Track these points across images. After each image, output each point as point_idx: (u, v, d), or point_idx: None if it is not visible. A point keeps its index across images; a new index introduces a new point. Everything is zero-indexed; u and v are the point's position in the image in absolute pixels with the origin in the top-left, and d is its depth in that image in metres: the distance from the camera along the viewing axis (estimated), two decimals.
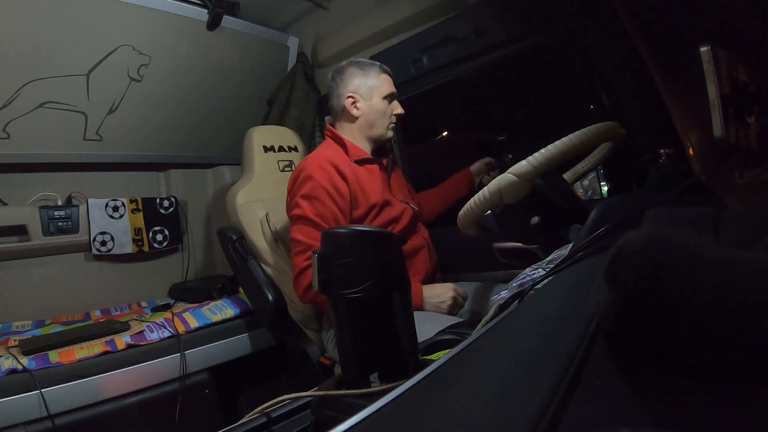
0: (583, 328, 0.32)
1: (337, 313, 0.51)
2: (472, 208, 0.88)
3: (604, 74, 1.25)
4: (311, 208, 1.18)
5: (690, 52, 0.71)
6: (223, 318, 1.63)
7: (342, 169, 1.22)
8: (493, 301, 0.65)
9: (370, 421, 0.31)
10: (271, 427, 0.54)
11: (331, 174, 1.20)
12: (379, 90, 1.31)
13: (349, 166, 1.25)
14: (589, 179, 1.37)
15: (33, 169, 1.78)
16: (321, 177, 1.19)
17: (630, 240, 0.27)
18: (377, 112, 1.31)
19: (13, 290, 1.70)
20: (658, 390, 0.25)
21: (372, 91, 1.30)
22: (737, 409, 0.22)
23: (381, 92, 1.30)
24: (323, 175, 1.19)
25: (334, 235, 0.51)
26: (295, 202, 1.21)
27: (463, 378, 0.35)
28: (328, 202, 1.18)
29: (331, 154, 1.26)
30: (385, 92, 1.31)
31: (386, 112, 1.31)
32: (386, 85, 1.32)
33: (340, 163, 1.23)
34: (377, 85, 1.31)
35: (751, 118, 0.73)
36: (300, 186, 1.21)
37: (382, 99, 1.31)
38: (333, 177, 1.20)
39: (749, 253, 0.27)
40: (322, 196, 1.18)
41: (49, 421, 1.16)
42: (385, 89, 1.31)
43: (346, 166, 1.24)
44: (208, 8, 1.62)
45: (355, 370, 0.51)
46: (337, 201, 1.19)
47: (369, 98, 1.31)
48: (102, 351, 1.33)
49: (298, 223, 1.20)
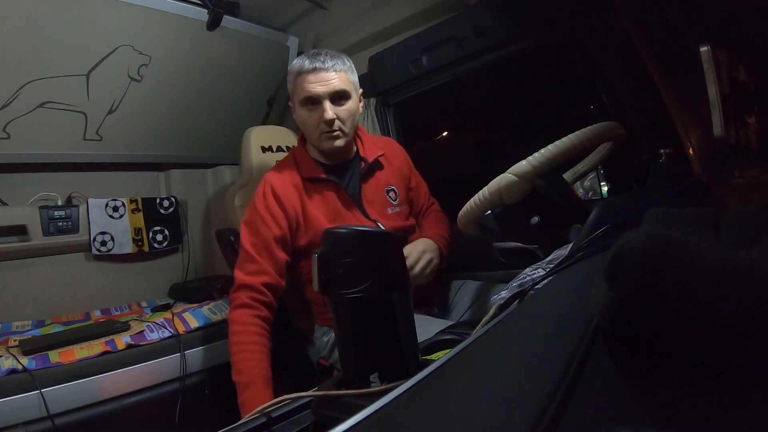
0: (583, 328, 0.32)
1: (337, 313, 0.51)
2: (472, 208, 0.88)
3: (604, 74, 1.25)
4: (248, 237, 1.12)
5: (690, 52, 0.71)
6: (223, 318, 1.62)
7: (282, 197, 1.12)
8: (493, 301, 0.65)
9: (370, 421, 0.31)
10: (271, 427, 0.54)
11: (268, 201, 1.12)
12: (295, 95, 1.13)
13: (295, 189, 1.14)
14: (589, 179, 1.37)
15: (33, 169, 1.78)
16: (259, 203, 1.13)
17: (630, 240, 0.27)
18: (299, 122, 1.16)
19: (13, 290, 1.70)
20: (658, 390, 0.25)
21: (293, 97, 1.15)
22: (737, 409, 0.22)
23: (298, 98, 1.12)
24: (261, 202, 1.13)
25: (335, 235, 0.51)
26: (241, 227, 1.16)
27: (463, 378, 0.35)
28: (263, 230, 1.10)
29: (277, 177, 1.16)
30: (300, 97, 1.11)
31: (308, 122, 1.12)
32: (302, 89, 1.10)
33: (283, 188, 1.14)
34: (293, 89, 1.13)
35: (751, 118, 0.73)
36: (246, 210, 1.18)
37: (299, 106, 1.13)
38: (270, 205, 1.12)
39: (749, 253, 0.27)
40: (258, 224, 1.11)
41: (49, 421, 1.16)
42: (301, 94, 1.10)
43: (291, 189, 1.14)
44: (208, 8, 1.62)
45: (355, 370, 0.51)
46: (273, 229, 1.10)
47: (294, 106, 1.16)
48: (102, 351, 1.33)
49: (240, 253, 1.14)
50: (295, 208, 1.13)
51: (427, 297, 1.27)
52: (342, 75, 1.11)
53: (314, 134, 1.13)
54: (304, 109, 1.12)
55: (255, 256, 1.09)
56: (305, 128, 1.15)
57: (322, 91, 1.08)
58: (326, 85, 1.08)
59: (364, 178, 1.20)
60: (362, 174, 1.20)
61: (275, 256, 1.11)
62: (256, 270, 1.09)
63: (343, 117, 1.11)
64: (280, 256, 1.12)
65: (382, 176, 1.24)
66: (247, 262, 1.10)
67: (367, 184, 1.20)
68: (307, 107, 1.11)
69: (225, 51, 1.83)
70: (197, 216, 2.19)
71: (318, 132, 1.12)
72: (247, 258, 1.10)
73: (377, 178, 1.23)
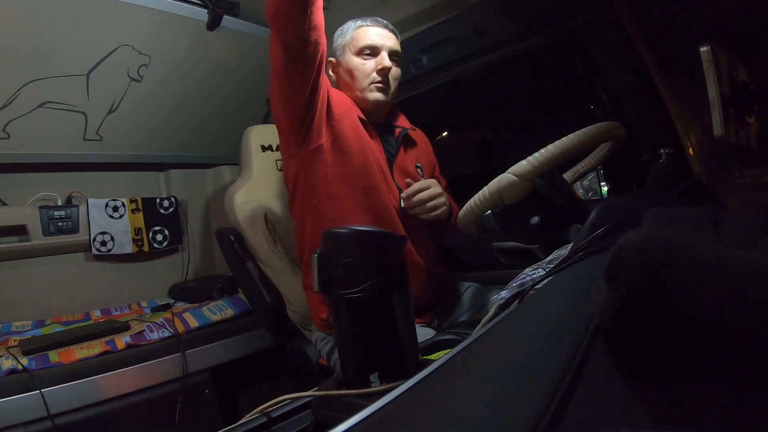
0: (583, 328, 0.32)
1: (337, 313, 0.51)
2: (472, 208, 0.88)
3: (604, 74, 1.25)
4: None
5: (690, 52, 0.71)
6: (223, 318, 1.63)
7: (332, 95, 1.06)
8: (493, 301, 0.65)
9: (370, 421, 0.31)
10: (271, 427, 0.54)
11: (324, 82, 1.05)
12: (351, 45, 1.13)
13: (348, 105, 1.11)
14: (589, 179, 1.37)
15: (33, 169, 1.78)
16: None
17: (630, 240, 0.27)
18: (348, 71, 1.14)
19: (13, 290, 1.70)
20: (658, 390, 0.25)
21: (344, 49, 1.15)
22: (737, 409, 0.22)
23: (354, 47, 1.13)
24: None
25: (334, 235, 0.51)
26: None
27: (464, 378, 0.35)
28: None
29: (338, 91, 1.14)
30: (358, 46, 1.12)
31: (360, 68, 1.12)
32: (363, 36, 1.12)
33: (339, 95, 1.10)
34: (350, 39, 1.14)
35: (751, 118, 0.73)
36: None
37: (354, 55, 1.12)
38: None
39: (749, 253, 0.27)
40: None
41: (49, 421, 1.16)
42: (360, 41, 1.12)
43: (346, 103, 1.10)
44: (208, 8, 1.62)
45: (355, 370, 0.51)
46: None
47: (342, 58, 1.16)
48: (102, 351, 1.33)
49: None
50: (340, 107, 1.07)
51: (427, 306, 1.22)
52: (396, 40, 1.17)
53: (365, 82, 1.12)
54: (360, 57, 1.13)
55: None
56: (357, 75, 1.13)
57: (384, 44, 1.12)
58: (389, 39, 1.14)
59: (398, 145, 1.19)
60: (398, 140, 1.19)
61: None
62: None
63: (394, 74, 1.14)
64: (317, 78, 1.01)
65: (413, 152, 1.24)
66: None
67: (399, 152, 1.19)
68: (363, 56, 1.13)
69: (225, 51, 1.83)
70: (197, 216, 2.19)
71: (369, 80, 1.12)
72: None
73: (408, 152, 1.22)
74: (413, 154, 1.23)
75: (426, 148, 1.31)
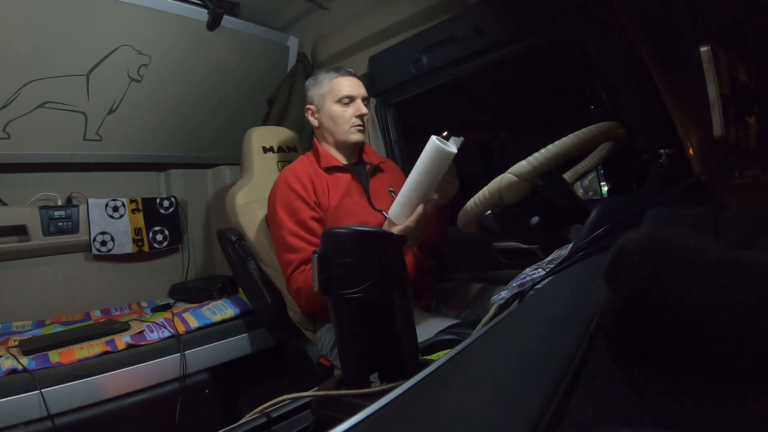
0: (583, 328, 0.32)
1: (337, 313, 0.51)
2: (472, 208, 0.88)
3: (605, 74, 1.25)
4: (285, 225, 1.21)
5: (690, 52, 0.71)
6: (223, 318, 1.63)
7: (303, 179, 1.25)
8: (493, 301, 0.65)
9: (370, 421, 0.31)
10: (271, 427, 0.54)
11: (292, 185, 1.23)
12: (331, 95, 1.31)
13: (316, 175, 1.28)
14: (589, 179, 1.37)
15: (33, 169, 1.78)
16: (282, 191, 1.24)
17: (630, 240, 0.27)
18: (330, 118, 1.32)
19: (13, 290, 1.70)
20: (658, 390, 0.25)
21: (324, 98, 1.32)
22: (737, 409, 0.22)
23: (333, 96, 1.31)
24: (284, 189, 1.24)
25: (334, 235, 0.51)
26: (275, 216, 1.24)
27: (464, 378, 0.35)
28: (298, 214, 1.21)
29: (299, 166, 1.30)
30: (338, 96, 1.30)
31: (342, 115, 1.30)
32: (341, 88, 1.31)
33: (305, 173, 1.27)
34: (329, 90, 1.32)
35: (751, 118, 0.73)
36: (272, 200, 1.27)
37: (335, 103, 1.31)
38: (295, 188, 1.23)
39: (749, 253, 0.27)
40: (293, 207, 1.21)
41: (49, 421, 1.16)
42: (339, 92, 1.31)
43: (313, 174, 1.28)
44: (208, 8, 1.62)
45: (355, 370, 0.51)
46: (306, 210, 1.21)
47: (321, 106, 1.33)
48: (102, 351, 1.33)
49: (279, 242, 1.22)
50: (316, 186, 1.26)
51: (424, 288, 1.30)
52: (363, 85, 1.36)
53: (345, 126, 1.31)
54: (339, 105, 1.31)
55: (295, 240, 1.19)
56: (338, 122, 1.31)
57: (359, 92, 1.32)
58: (360, 87, 1.34)
59: (370, 176, 1.37)
60: (368, 173, 1.37)
61: (313, 229, 1.21)
62: (301, 247, 1.19)
63: (367, 117, 1.34)
64: (315, 227, 1.22)
65: (384, 178, 1.40)
66: (290, 251, 1.19)
67: (372, 180, 1.37)
68: (341, 104, 1.31)
69: (225, 51, 1.83)
70: (197, 216, 2.19)
71: (350, 124, 1.31)
72: (288, 248, 1.19)
73: (380, 179, 1.39)
74: (385, 181, 1.40)
75: (396, 173, 1.47)
